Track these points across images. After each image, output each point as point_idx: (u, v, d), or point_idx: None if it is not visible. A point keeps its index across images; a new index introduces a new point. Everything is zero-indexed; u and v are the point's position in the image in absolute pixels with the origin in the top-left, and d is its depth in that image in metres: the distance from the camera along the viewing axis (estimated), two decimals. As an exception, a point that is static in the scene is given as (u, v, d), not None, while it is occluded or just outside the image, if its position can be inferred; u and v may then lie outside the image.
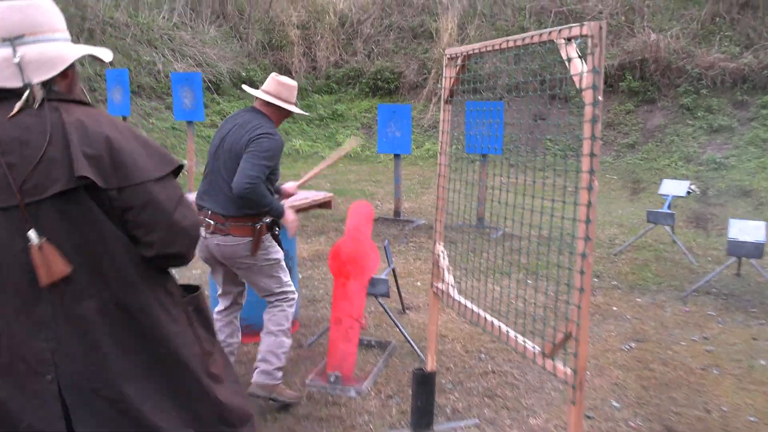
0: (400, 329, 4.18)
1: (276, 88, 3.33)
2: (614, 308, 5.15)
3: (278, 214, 3.21)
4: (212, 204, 3.22)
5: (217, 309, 3.52)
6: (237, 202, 3.15)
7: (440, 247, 2.97)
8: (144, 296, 1.52)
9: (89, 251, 1.46)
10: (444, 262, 2.96)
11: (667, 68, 12.90)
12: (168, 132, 11.47)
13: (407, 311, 4.89)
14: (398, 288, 4.85)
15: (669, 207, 6.38)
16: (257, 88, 3.52)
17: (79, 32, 11.37)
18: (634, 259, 6.50)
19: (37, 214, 1.41)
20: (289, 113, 3.40)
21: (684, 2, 14.21)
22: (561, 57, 1.96)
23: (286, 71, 16.03)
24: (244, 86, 3.96)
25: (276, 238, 3.40)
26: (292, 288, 3.47)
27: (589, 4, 14.67)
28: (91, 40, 11.50)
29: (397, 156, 7.69)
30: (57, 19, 1.50)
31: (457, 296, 2.83)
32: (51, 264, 1.41)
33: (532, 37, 2.14)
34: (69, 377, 1.45)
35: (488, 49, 2.47)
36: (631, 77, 13.07)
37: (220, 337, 3.46)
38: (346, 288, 3.69)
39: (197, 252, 2.94)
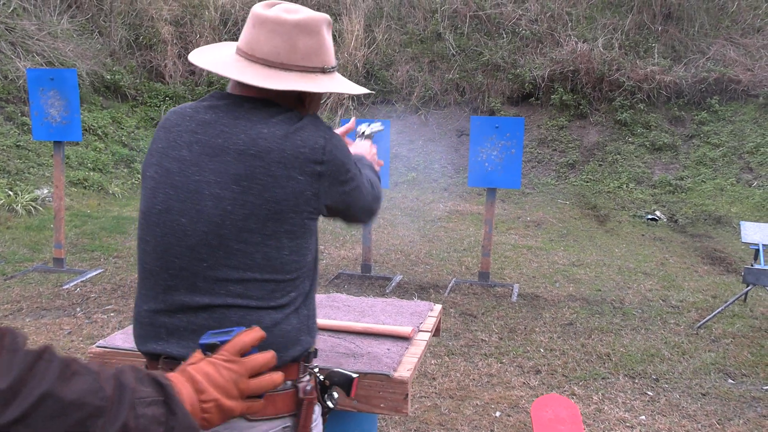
0: None
1: (270, 40, 1.34)
2: None
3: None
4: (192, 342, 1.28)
5: None
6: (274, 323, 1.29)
7: None
8: None
9: None
10: None
11: (599, 80, 11.88)
12: (10, 152, 8.44)
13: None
14: None
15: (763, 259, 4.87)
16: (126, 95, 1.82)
17: None
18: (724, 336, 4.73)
19: None
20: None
21: (603, 11, 13.39)
22: None
23: (159, 75, 13.24)
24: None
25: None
26: None
27: (507, 8, 13.43)
28: None
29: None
30: None
31: None
32: None
33: None
34: None
35: None
36: (562, 89, 11.90)
37: None
38: None
39: None
